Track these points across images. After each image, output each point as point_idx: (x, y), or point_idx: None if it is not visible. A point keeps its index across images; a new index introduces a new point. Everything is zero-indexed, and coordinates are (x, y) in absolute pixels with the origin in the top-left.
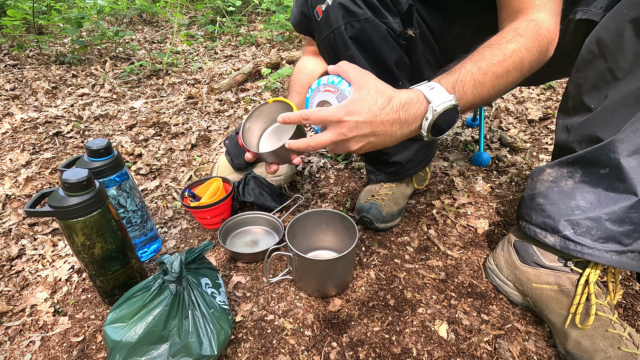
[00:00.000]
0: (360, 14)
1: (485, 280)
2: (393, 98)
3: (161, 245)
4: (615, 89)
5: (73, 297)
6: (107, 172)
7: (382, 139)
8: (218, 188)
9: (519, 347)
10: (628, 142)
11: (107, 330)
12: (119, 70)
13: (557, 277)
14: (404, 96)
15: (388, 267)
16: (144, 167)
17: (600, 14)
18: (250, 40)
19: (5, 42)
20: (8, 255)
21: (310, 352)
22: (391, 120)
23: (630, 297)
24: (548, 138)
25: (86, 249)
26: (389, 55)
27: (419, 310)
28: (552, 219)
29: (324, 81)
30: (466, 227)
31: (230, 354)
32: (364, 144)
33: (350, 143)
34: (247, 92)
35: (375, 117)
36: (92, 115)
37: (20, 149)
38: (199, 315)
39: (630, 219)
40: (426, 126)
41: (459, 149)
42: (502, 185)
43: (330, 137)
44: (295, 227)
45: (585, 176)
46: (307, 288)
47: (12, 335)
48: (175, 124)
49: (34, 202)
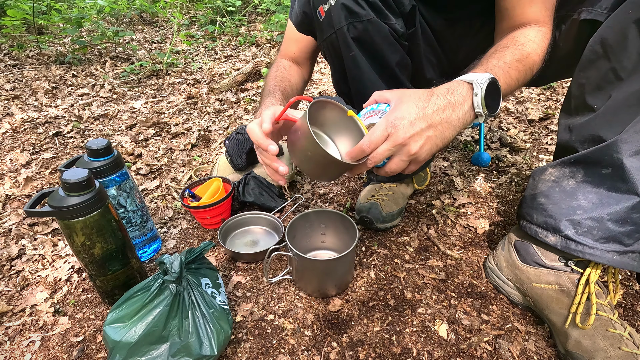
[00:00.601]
0: (363, 15)
1: (485, 280)
2: (433, 91)
3: (161, 245)
4: (618, 90)
5: (73, 297)
6: (107, 172)
7: (440, 131)
8: (218, 188)
9: (519, 347)
10: (631, 142)
11: (107, 330)
12: (119, 70)
13: (558, 277)
14: (443, 86)
15: (388, 267)
16: (144, 167)
17: (605, 14)
18: (250, 40)
19: (5, 42)
20: (8, 255)
21: (310, 352)
22: (442, 106)
23: (630, 297)
24: (548, 138)
25: (86, 249)
26: (391, 56)
27: (419, 310)
28: (554, 219)
29: (363, 112)
30: (466, 227)
31: (230, 354)
32: (424, 141)
33: (411, 146)
34: (247, 92)
35: (424, 110)
36: (92, 115)
37: (20, 149)
38: (199, 315)
39: (632, 219)
40: (479, 101)
41: (459, 149)
42: (502, 185)
43: (387, 146)
44: (295, 227)
45: (587, 176)
46: (307, 288)
47: (12, 335)
48: (175, 124)
49: (34, 202)
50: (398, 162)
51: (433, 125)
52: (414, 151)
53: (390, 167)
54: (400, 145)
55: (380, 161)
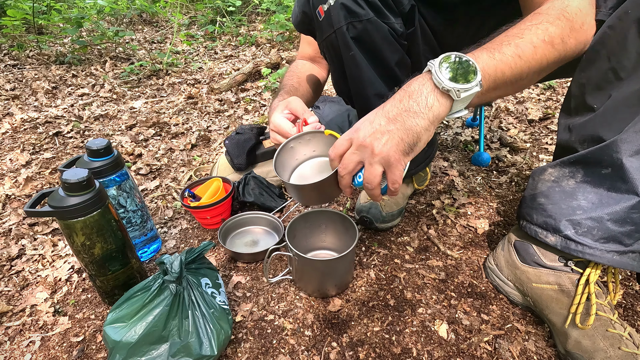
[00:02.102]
0: (362, 15)
1: (485, 280)
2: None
3: (161, 245)
4: (618, 89)
5: (73, 297)
6: (107, 172)
7: (401, 122)
8: (218, 188)
9: (519, 347)
10: (631, 142)
11: (107, 330)
12: (119, 70)
13: (558, 277)
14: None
15: (388, 267)
16: (144, 167)
17: (609, 14)
18: (250, 40)
19: (5, 42)
20: (8, 255)
21: (310, 352)
22: (398, 99)
23: (630, 297)
24: (548, 138)
25: (86, 249)
26: (391, 56)
27: (419, 310)
28: (553, 219)
29: None
30: (466, 227)
31: (230, 354)
32: (386, 137)
33: (374, 145)
34: (247, 92)
35: (382, 109)
36: (92, 115)
37: (20, 149)
38: (199, 315)
39: (632, 219)
40: (438, 77)
41: (459, 149)
42: (502, 185)
43: (352, 151)
44: (295, 227)
45: (587, 176)
46: (307, 288)
47: (12, 335)
48: (175, 124)
49: (34, 202)
50: (369, 168)
51: (392, 118)
52: (378, 149)
53: (366, 176)
54: (362, 146)
55: (351, 169)
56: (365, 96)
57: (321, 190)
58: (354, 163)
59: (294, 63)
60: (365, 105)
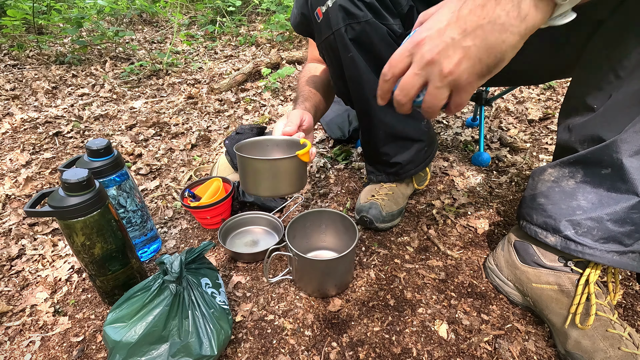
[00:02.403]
0: (361, 16)
1: (485, 280)
2: None
3: (161, 245)
4: (618, 90)
5: (73, 297)
6: (107, 172)
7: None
8: (218, 188)
9: (519, 347)
10: (631, 142)
11: (107, 330)
12: (119, 70)
13: (558, 277)
14: None
15: (388, 267)
16: (144, 167)
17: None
18: (250, 40)
19: (5, 42)
20: (8, 255)
21: (310, 352)
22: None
23: (630, 297)
24: (548, 138)
25: (86, 249)
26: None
27: (419, 310)
28: (553, 219)
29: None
30: (466, 227)
31: (230, 354)
32: (460, 56)
33: (443, 64)
34: (247, 92)
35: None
36: (92, 115)
37: (20, 149)
38: (199, 315)
39: (632, 220)
40: None
41: (459, 149)
42: (502, 185)
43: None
44: (295, 227)
45: (586, 176)
46: (307, 288)
47: (12, 335)
48: (175, 124)
49: (34, 202)
50: (434, 92)
51: (469, 31)
52: (448, 69)
53: (427, 100)
54: (428, 64)
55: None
56: (364, 97)
57: (278, 174)
58: (417, 87)
59: (306, 67)
60: (364, 106)
